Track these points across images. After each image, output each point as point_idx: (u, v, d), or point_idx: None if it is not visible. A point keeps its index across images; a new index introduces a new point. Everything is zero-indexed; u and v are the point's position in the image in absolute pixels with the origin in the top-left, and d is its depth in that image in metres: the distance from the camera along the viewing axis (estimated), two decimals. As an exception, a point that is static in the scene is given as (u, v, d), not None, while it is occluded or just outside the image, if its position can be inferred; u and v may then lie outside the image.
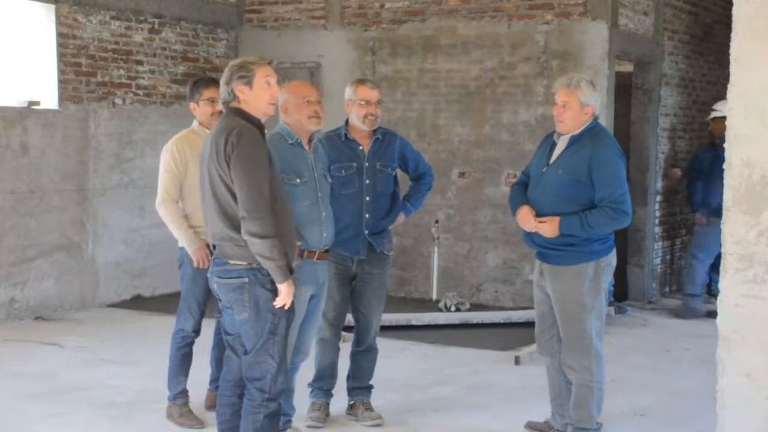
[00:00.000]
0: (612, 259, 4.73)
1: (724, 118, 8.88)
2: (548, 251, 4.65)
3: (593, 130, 4.64)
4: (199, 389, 5.30)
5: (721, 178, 7.93)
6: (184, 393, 5.13)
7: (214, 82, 4.98)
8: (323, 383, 5.17)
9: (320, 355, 5.16)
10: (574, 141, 4.62)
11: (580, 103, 4.59)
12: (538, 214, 4.63)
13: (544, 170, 4.69)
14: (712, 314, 8.36)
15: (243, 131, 3.91)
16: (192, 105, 5.21)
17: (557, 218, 4.53)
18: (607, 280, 4.73)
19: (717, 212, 8.53)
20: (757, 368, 3.80)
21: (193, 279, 5.05)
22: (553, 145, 4.74)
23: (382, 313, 5.28)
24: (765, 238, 3.77)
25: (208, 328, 5.21)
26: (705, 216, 8.39)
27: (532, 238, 4.70)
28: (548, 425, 4.96)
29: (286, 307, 3.99)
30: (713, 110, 8.54)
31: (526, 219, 4.66)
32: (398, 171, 5.28)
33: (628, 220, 4.60)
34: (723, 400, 3.90)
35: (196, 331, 5.12)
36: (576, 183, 4.55)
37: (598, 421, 4.76)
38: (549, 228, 4.56)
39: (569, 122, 4.62)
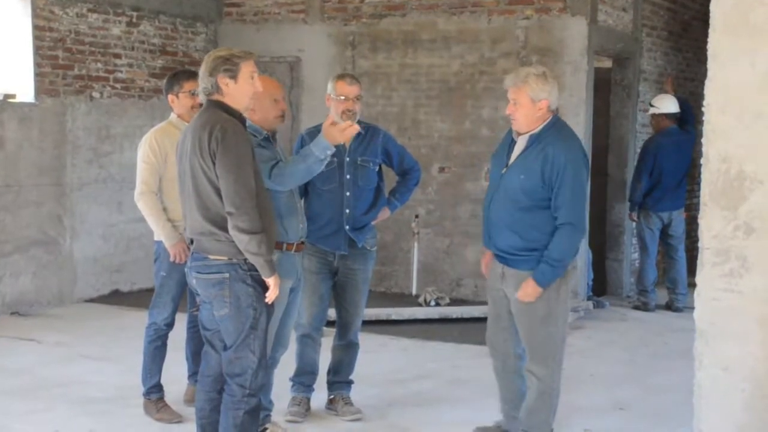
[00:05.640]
0: (577, 260, 4.61)
1: (663, 114, 8.99)
2: (512, 257, 4.46)
3: (554, 127, 4.40)
4: (177, 384, 5.31)
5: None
6: (158, 387, 5.13)
7: (194, 75, 4.94)
8: (304, 378, 5.19)
9: (302, 350, 5.18)
10: (534, 140, 4.38)
11: (531, 99, 4.33)
12: (500, 222, 4.45)
13: (503, 172, 4.48)
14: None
15: (227, 126, 3.90)
16: (171, 97, 5.18)
17: (532, 282, 4.32)
18: (572, 282, 4.61)
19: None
20: (734, 361, 3.85)
21: (168, 273, 5.05)
22: (512, 143, 4.50)
23: (364, 308, 5.30)
24: (741, 233, 3.82)
25: (182, 322, 5.22)
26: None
27: (494, 241, 4.52)
28: (501, 429, 4.83)
29: (270, 302, 4.00)
30: (651, 106, 8.64)
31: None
32: (384, 166, 5.28)
33: (583, 235, 4.48)
34: (700, 393, 3.95)
35: (169, 325, 5.13)
36: (537, 188, 4.34)
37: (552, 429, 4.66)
38: (530, 292, 4.34)
39: (523, 120, 4.37)
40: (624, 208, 9.09)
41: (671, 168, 8.39)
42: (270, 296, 3.98)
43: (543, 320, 4.44)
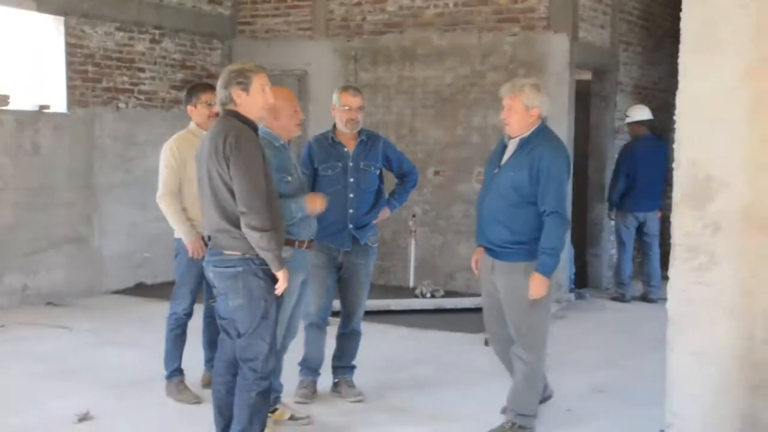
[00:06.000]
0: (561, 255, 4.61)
1: (637, 122, 9.02)
2: (501, 249, 4.47)
3: (542, 132, 4.47)
4: (195, 370, 5.29)
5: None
6: (179, 371, 5.13)
7: (211, 87, 4.96)
8: (311, 363, 5.18)
9: (309, 338, 5.16)
10: (524, 143, 4.43)
11: (525, 106, 4.40)
12: (491, 217, 4.47)
13: (495, 171, 4.52)
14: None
15: (240, 133, 3.90)
16: (189, 108, 5.17)
17: (538, 275, 4.32)
18: (555, 275, 4.53)
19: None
20: (703, 347, 3.85)
21: (187, 267, 5.04)
22: (504, 148, 4.56)
23: (366, 299, 5.28)
24: (710, 230, 3.82)
25: (200, 312, 5.21)
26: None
27: (486, 235, 4.54)
28: None
29: (279, 293, 3.99)
30: (627, 116, 8.67)
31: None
32: (384, 170, 5.27)
33: (568, 224, 4.49)
34: (672, 376, 3.95)
35: (188, 315, 5.12)
36: (525, 183, 4.37)
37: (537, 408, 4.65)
38: (540, 286, 4.34)
39: (516, 125, 4.43)
40: (602, 208, 9.08)
41: (646, 171, 8.37)
42: (279, 288, 3.97)
43: (529, 308, 4.43)
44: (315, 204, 4.50)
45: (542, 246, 4.34)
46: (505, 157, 4.51)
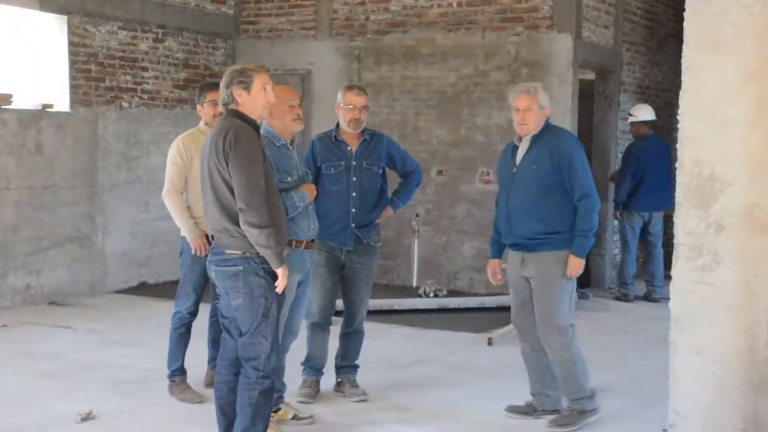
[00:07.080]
0: None
1: (641, 122, 9.05)
2: (532, 242, 4.65)
3: (549, 127, 4.74)
4: (198, 368, 5.31)
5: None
6: (182, 370, 5.13)
7: (216, 86, 4.97)
8: (314, 363, 5.19)
9: (311, 337, 5.17)
10: (536, 139, 4.68)
11: (540, 106, 4.68)
12: (519, 211, 4.65)
13: (514, 171, 4.71)
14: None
15: (240, 131, 3.92)
16: (198, 107, 5.23)
17: (574, 257, 4.58)
18: None
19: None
20: (705, 347, 3.86)
21: (191, 266, 5.05)
22: (514, 150, 4.75)
23: (369, 299, 5.29)
24: (713, 230, 3.82)
25: (206, 312, 5.22)
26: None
27: (515, 232, 4.69)
28: (532, 407, 4.87)
29: (280, 291, 4.00)
30: (630, 115, 8.67)
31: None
32: (387, 169, 5.27)
33: (598, 201, 4.69)
34: (675, 375, 3.96)
35: (192, 314, 5.12)
36: (548, 173, 4.60)
37: (591, 387, 4.78)
38: (577, 267, 4.58)
39: (532, 124, 4.67)
40: (606, 207, 9.06)
41: (653, 171, 8.37)
42: (279, 286, 3.97)
43: (556, 295, 4.61)
44: (311, 192, 4.57)
45: (577, 228, 4.59)
46: (519, 156, 4.71)
